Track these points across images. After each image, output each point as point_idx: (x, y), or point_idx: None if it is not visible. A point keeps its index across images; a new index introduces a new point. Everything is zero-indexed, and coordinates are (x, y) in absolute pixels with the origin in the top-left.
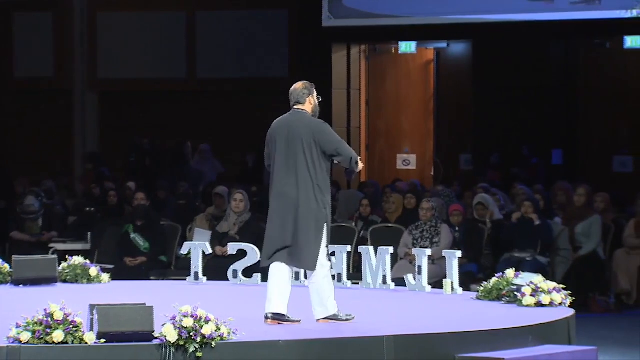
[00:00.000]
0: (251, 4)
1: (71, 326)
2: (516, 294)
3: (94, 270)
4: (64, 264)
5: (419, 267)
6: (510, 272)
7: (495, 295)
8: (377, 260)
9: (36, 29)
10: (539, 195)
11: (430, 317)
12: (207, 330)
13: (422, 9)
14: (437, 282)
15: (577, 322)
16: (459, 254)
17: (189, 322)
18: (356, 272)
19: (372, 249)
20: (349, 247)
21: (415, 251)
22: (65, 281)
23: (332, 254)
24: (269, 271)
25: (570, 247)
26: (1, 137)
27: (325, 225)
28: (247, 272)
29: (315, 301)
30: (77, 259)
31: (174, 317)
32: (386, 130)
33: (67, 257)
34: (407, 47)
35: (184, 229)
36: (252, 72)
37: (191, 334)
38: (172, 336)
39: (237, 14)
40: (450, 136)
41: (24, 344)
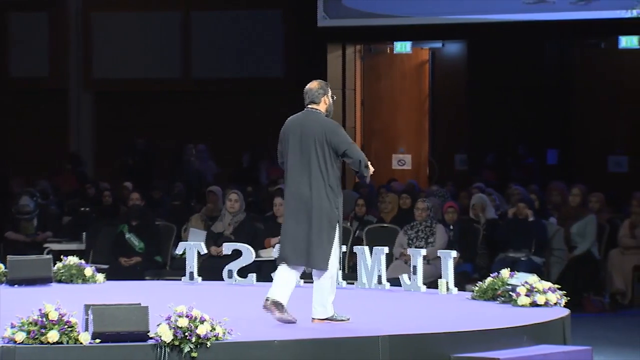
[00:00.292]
0: (246, 4)
1: (66, 326)
2: (511, 293)
3: (89, 270)
4: (59, 264)
5: (414, 267)
6: (505, 272)
7: (490, 295)
8: (372, 260)
9: (32, 28)
10: (534, 195)
11: (425, 317)
12: (202, 330)
13: (417, 9)
14: (432, 282)
15: (572, 322)
16: (454, 254)
17: (184, 322)
18: (351, 272)
19: (367, 249)
20: (344, 247)
21: (410, 251)
22: (60, 281)
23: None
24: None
25: (565, 247)
26: None
27: (337, 225)
28: (242, 272)
29: (316, 300)
30: (72, 259)
31: (169, 317)
32: (381, 130)
33: (62, 257)
34: (402, 47)
35: (178, 229)
36: (247, 72)
37: (186, 334)
38: (167, 336)
39: (232, 14)
40: (445, 136)
41: (19, 344)
